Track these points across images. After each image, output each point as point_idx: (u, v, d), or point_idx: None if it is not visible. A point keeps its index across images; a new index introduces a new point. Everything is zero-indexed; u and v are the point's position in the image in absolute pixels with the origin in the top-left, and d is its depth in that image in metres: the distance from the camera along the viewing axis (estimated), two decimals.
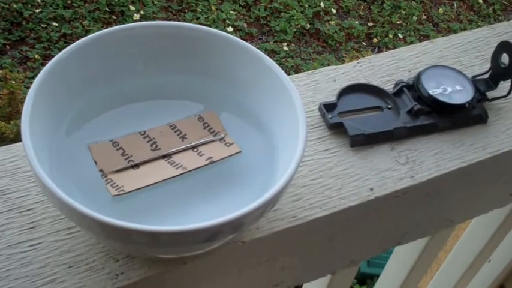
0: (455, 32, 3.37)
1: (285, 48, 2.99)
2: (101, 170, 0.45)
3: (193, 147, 0.47)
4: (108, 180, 0.45)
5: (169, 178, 0.44)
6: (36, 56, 2.57)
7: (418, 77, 0.59)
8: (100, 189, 0.44)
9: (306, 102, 0.58)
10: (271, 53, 2.94)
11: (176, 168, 0.45)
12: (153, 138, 0.48)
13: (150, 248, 0.43)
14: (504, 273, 1.16)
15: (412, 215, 0.60)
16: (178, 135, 0.48)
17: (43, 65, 2.57)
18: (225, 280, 0.51)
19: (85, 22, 2.73)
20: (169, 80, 0.50)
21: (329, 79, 0.60)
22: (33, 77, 2.48)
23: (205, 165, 0.45)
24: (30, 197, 0.47)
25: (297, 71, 2.88)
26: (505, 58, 0.59)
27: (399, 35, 3.32)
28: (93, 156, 0.46)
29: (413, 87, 0.59)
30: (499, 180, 0.64)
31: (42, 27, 2.67)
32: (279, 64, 2.97)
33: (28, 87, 2.36)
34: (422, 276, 0.97)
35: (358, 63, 0.63)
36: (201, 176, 0.45)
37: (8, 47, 2.59)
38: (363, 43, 3.21)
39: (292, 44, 3.06)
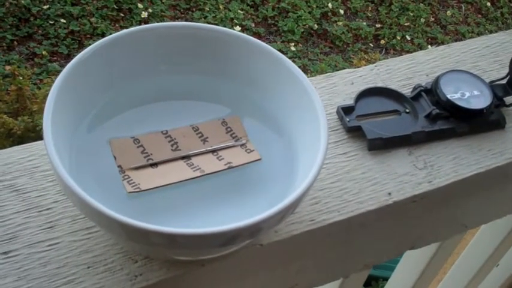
0: (462, 34, 3.37)
1: (293, 48, 2.99)
2: (119, 166, 0.45)
3: (213, 151, 0.46)
4: (126, 177, 0.44)
5: (186, 180, 0.44)
6: (44, 53, 2.57)
7: (437, 82, 0.58)
8: (117, 185, 0.44)
9: (323, 105, 0.57)
10: None
11: (194, 171, 0.45)
12: (175, 139, 0.47)
13: (168, 249, 0.43)
14: None
15: (428, 219, 0.59)
16: (199, 137, 0.47)
17: (50, 61, 2.57)
18: (242, 282, 0.51)
19: (93, 19, 2.73)
20: (191, 81, 0.50)
21: (346, 82, 0.60)
22: (41, 74, 2.48)
23: (223, 170, 0.45)
24: (49, 196, 0.47)
25: (304, 71, 2.87)
26: None
27: (407, 36, 3.32)
28: (112, 151, 0.46)
29: (432, 91, 0.58)
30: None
31: (50, 24, 2.67)
32: None
33: (36, 84, 2.37)
34: (431, 281, 0.97)
35: (375, 66, 0.62)
36: (219, 180, 0.45)
37: (15, 42, 2.59)
38: (371, 44, 3.20)
39: (300, 45, 3.06)
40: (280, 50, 2.94)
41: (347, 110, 0.56)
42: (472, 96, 0.58)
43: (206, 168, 0.45)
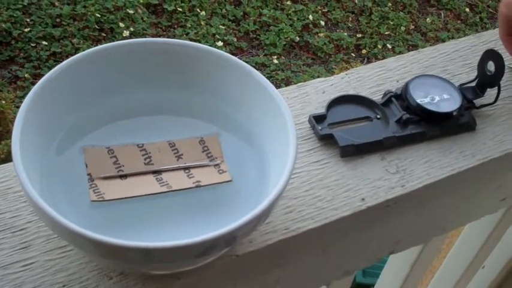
0: (443, 40, 3.40)
1: (275, 61, 3.01)
2: (89, 174, 0.46)
3: (185, 168, 0.47)
4: (93, 185, 0.45)
5: (151, 194, 0.44)
6: (26, 75, 2.57)
7: (406, 87, 0.59)
8: (85, 197, 0.45)
9: (296, 115, 0.58)
10: (261, 66, 2.95)
11: (161, 186, 0.45)
12: (149, 153, 0.48)
13: (143, 264, 0.43)
14: (498, 279, 1.16)
15: (404, 223, 0.60)
16: (174, 153, 0.48)
17: (33, 84, 2.56)
18: None
19: (75, 40, 2.73)
20: (163, 96, 0.51)
21: (318, 91, 0.61)
22: (23, 96, 2.48)
23: (191, 188, 0.45)
24: (22, 217, 0.47)
25: (288, 83, 2.89)
26: (491, 66, 0.60)
27: (388, 45, 3.35)
28: (85, 158, 0.46)
29: (402, 97, 0.59)
30: (489, 186, 0.65)
31: (32, 46, 2.67)
32: (269, 77, 2.99)
33: (18, 107, 2.36)
34: (417, 285, 0.97)
35: (346, 74, 0.63)
36: (189, 197, 0.45)
37: None
38: (352, 54, 3.23)
39: (282, 57, 3.08)
40: (263, 64, 2.96)
41: (319, 119, 0.57)
42: (441, 100, 0.59)
43: (174, 184, 0.45)
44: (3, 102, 1.99)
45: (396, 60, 0.66)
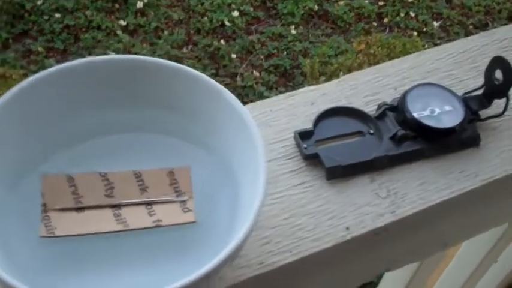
0: (469, 8, 3.27)
1: (293, 31, 2.93)
2: (43, 205, 0.42)
3: (148, 203, 0.43)
4: (46, 218, 0.41)
5: (105, 232, 0.40)
6: (40, 49, 2.54)
7: (403, 98, 0.54)
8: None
9: (281, 130, 0.53)
10: (278, 37, 2.87)
11: (118, 223, 0.41)
12: (112, 183, 0.44)
13: None
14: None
15: (400, 246, 0.55)
16: (139, 185, 0.44)
17: (47, 57, 2.54)
18: None
19: (88, 12, 2.69)
20: (134, 114, 0.46)
21: (307, 102, 0.56)
22: (37, 71, 2.45)
23: (149, 228, 0.41)
24: None
25: (305, 55, 2.81)
26: (498, 74, 0.54)
27: (411, 13, 3.23)
28: (42, 187, 0.42)
29: (398, 109, 0.54)
30: (495, 202, 0.59)
31: (45, 19, 2.63)
32: (287, 49, 2.91)
33: None
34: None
35: (339, 82, 0.58)
36: (149, 238, 0.41)
37: (11, 40, 2.56)
38: (374, 23, 3.12)
39: (300, 27, 2.99)
40: (280, 34, 2.88)
41: (305, 135, 0.52)
42: (442, 113, 0.53)
43: (132, 222, 0.41)
44: (14, 79, 1.96)
45: (396, 64, 0.60)
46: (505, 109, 0.54)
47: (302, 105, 0.55)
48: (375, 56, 2.11)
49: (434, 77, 0.58)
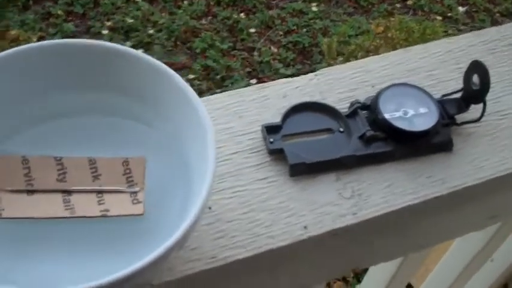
0: None
1: (314, 8, 2.89)
2: None
3: (98, 192, 0.43)
4: None
5: (52, 218, 0.41)
6: (59, 12, 2.54)
7: (376, 97, 0.53)
8: None
9: (250, 122, 0.53)
10: (299, 13, 2.84)
11: (65, 209, 0.41)
12: (65, 168, 0.44)
13: None
14: (507, 273, 1.10)
15: (363, 247, 0.55)
16: (92, 173, 0.44)
17: (66, 21, 2.55)
18: None
19: None
20: (85, 97, 0.46)
21: (279, 95, 0.55)
22: (56, 34, 2.46)
23: (95, 216, 0.41)
24: None
25: (325, 33, 2.78)
26: (476, 79, 0.52)
27: None
28: None
29: (371, 108, 0.53)
30: (467, 208, 0.58)
31: None
32: (307, 26, 2.88)
33: None
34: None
35: (315, 75, 0.57)
36: (96, 227, 0.41)
37: (31, 2, 2.56)
38: (397, 5, 3.06)
39: (322, 4, 2.94)
40: (301, 11, 2.84)
41: (272, 129, 0.51)
42: (416, 115, 0.52)
43: (79, 210, 0.41)
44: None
45: (379, 59, 0.59)
46: (482, 115, 0.53)
47: (275, 97, 0.55)
48: (392, 39, 2.08)
49: (415, 77, 0.57)
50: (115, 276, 0.35)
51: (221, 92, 0.55)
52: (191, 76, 2.43)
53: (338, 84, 0.56)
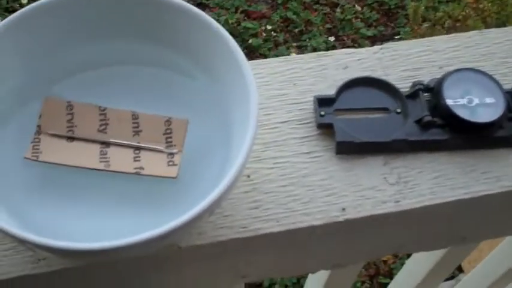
0: None
1: None
2: (38, 126, 0.43)
3: (136, 148, 0.42)
4: (36, 140, 0.42)
5: (85, 168, 0.41)
6: None
7: (441, 81, 0.49)
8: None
9: (303, 91, 0.51)
10: None
11: (100, 161, 0.41)
12: (108, 119, 0.44)
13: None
14: None
15: (403, 234, 0.53)
16: (134, 128, 0.43)
17: None
18: (161, 276, 0.48)
19: None
20: (129, 47, 0.45)
21: (339, 65, 0.52)
22: None
23: (129, 173, 0.41)
24: None
25: None
26: None
27: None
28: (42, 108, 0.43)
29: (433, 91, 0.50)
30: None
31: None
32: None
33: None
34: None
35: (380, 49, 0.54)
36: (129, 185, 0.41)
37: None
38: None
39: None
40: None
41: (325, 102, 0.49)
42: (481, 105, 0.49)
43: (114, 164, 0.41)
44: None
45: (449, 39, 0.55)
46: None
47: (334, 68, 0.52)
48: (483, 11, 1.96)
49: (486, 62, 0.53)
50: (140, 236, 0.35)
51: (297, 46, 0.53)
52: (269, 27, 2.40)
53: (403, 62, 0.53)
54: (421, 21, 2.42)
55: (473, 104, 0.49)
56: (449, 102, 0.48)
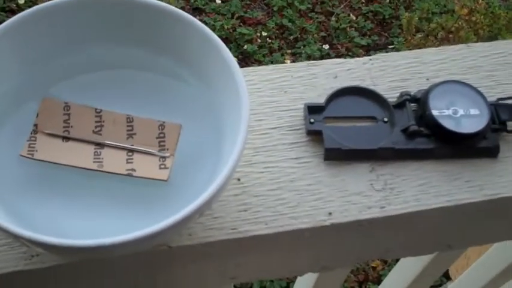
0: None
1: None
2: (35, 125, 0.44)
3: (129, 150, 0.44)
4: (32, 138, 0.44)
5: (79, 167, 0.42)
6: None
7: (427, 92, 0.51)
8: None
9: (294, 98, 0.52)
10: None
11: (94, 162, 0.42)
12: (103, 121, 0.45)
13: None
14: None
15: (388, 240, 0.54)
16: (128, 130, 0.45)
17: None
18: (151, 276, 0.49)
19: None
20: (124, 52, 0.47)
21: (329, 75, 0.54)
22: None
23: (121, 174, 0.42)
24: None
25: (408, 7, 2.69)
26: None
27: None
28: (39, 107, 0.45)
29: (420, 102, 0.51)
30: (510, 217, 0.56)
31: None
32: None
33: None
34: None
35: (370, 60, 0.55)
36: (121, 186, 0.42)
37: None
38: None
39: None
40: None
41: (314, 109, 0.51)
42: (465, 116, 0.50)
43: (107, 165, 0.42)
44: None
45: (437, 52, 0.57)
46: None
47: (324, 77, 0.54)
48: (476, 23, 1.98)
49: (472, 75, 0.55)
50: (132, 235, 0.36)
51: (292, 53, 0.55)
52: (264, 33, 2.42)
53: (391, 72, 0.54)
54: (415, 32, 2.44)
55: (458, 115, 0.50)
56: (434, 112, 0.50)
